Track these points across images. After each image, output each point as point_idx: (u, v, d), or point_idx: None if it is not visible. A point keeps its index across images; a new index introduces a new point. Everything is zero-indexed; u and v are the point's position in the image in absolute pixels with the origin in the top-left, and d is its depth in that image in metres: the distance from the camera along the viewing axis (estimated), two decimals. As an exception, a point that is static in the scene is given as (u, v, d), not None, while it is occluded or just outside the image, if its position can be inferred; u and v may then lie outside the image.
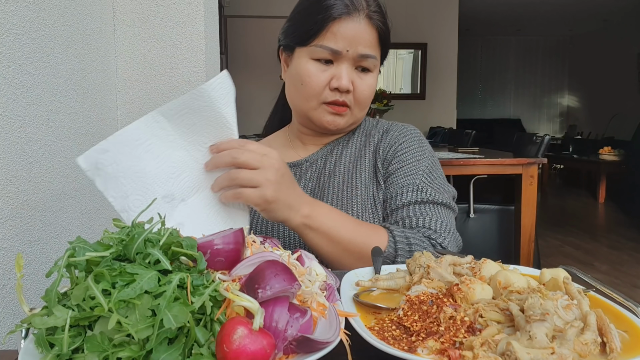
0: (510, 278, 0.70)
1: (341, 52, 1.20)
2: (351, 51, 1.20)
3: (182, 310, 0.53)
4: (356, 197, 1.29)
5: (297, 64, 1.26)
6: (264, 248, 0.72)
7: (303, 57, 1.24)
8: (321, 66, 1.22)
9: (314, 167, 1.37)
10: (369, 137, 1.39)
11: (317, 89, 1.22)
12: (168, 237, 0.61)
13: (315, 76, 1.22)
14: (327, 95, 1.23)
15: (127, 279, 0.55)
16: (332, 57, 1.21)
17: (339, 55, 1.20)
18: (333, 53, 1.20)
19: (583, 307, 0.64)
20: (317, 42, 1.21)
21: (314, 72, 1.22)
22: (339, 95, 1.22)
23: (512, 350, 0.56)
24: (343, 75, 1.21)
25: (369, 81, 1.26)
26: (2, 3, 1.26)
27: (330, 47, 1.20)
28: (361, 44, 1.21)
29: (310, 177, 1.36)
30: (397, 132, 1.37)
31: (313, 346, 0.58)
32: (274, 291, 0.59)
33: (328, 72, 1.22)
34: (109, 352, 0.53)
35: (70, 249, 0.58)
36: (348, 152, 1.38)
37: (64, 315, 0.53)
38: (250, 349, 0.53)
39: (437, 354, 0.60)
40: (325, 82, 1.22)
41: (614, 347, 0.59)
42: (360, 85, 1.24)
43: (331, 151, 1.39)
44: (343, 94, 1.23)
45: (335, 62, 1.22)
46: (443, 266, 0.77)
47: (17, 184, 1.33)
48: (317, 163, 1.37)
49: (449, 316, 0.64)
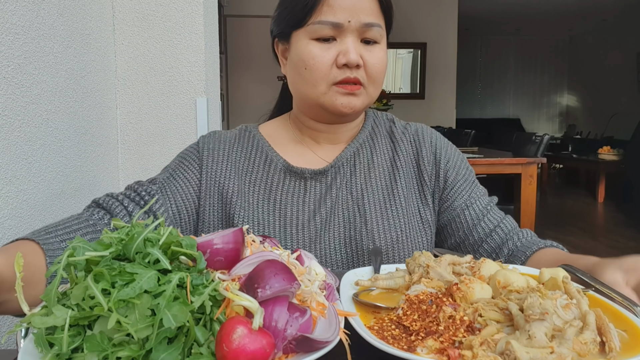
0: (509, 277, 0.70)
1: (343, 25, 1.09)
2: (353, 21, 1.09)
3: (182, 309, 0.53)
4: (401, 214, 1.19)
5: (296, 50, 1.14)
6: (263, 247, 0.72)
7: (302, 39, 1.13)
8: (324, 45, 1.11)
9: (342, 173, 1.23)
10: (397, 141, 1.28)
11: (323, 69, 1.10)
12: (167, 236, 0.61)
13: (319, 56, 1.10)
14: (336, 74, 1.11)
15: (127, 279, 0.55)
16: (334, 32, 1.10)
17: (341, 29, 1.09)
18: (334, 27, 1.09)
19: (582, 306, 0.64)
20: (315, 19, 1.10)
21: (317, 52, 1.11)
22: (349, 72, 1.10)
23: (511, 350, 0.56)
24: (350, 48, 1.09)
25: (378, 54, 1.14)
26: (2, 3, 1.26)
27: (330, 21, 1.09)
28: (363, 12, 1.10)
29: (339, 187, 1.22)
30: (438, 142, 1.28)
31: (312, 345, 0.58)
32: (273, 291, 0.59)
33: (333, 49, 1.11)
34: (109, 352, 0.53)
35: (70, 248, 0.58)
36: (379, 159, 1.26)
37: (64, 315, 0.53)
38: (249, 348, 0.53)
39: (437, 353, 0.60)
40: (332, 60, 1.11)
41: (613, 347, 0.60)
42: (370, 59, 1.12)
43: (357, 154, 1.26)
44: (353, 70, 1.11)
45: (339, 37, 1.11)
46: (442, 265, 0.77)
47: (16, 183, 1.33)
48: (343, 168, 1.24)
49: (449, 315, 0.65)
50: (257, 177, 1.22)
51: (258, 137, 1.28)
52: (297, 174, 1.21)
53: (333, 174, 1.22)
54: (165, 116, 2.00)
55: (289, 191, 1.20)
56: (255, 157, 1.24)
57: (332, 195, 1.20)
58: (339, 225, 1.17)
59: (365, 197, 1.19)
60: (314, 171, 1.21)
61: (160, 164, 2.01)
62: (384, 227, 1.16)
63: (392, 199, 1.20)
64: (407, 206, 1.20)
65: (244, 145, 1.27)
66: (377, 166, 1.24)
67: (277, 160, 1.23)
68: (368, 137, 1.29)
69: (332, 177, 1.22)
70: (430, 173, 1.24)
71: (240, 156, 1.25)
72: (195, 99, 2.01)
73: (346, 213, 1.18)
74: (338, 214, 1.18)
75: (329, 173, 1.22)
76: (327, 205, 1.19)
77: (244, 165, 1.23)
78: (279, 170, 1.22)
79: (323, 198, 1.20)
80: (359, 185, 1.21)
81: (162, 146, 2.01)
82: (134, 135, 2.00)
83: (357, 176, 1.22)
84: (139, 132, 2.00)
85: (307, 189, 1.21)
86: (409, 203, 1.21)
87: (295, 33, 1.14)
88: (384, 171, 1.24)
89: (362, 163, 1.24)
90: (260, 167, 1.23)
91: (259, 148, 1.26)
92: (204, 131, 2.01)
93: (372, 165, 1.24)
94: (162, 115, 2.00)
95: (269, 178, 1.21)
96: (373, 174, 1.23)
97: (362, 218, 1.17)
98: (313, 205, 1.19)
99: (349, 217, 1.17)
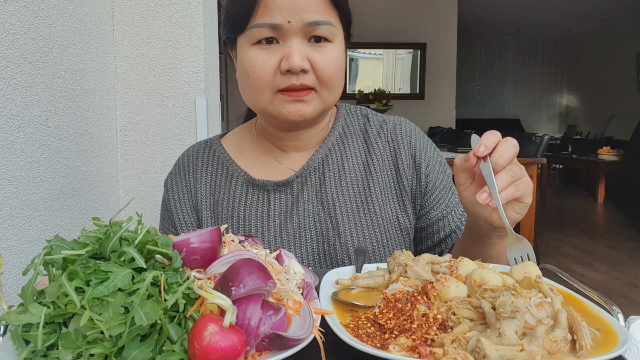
0: (485, 276, 0.71)
1: (282, 26, 0.98)
2: (294, 21, 0.99)
3: (154, 307, 0.54)
4: (377, 223, 1.12)
5: (240, 57, 1.05)
6: (242, 247, 0.73)
7: (244, 45, 1.03)
8: (265, 49, 1.01)
9: (309, 183, 1.14)
10: (371, 142, 1.18)
11: (265, 77, 1.01)
12: (144, 235, 0.62)
13: (260, 63, 1.00)
14: (280, 81, 1.01)
15: (101, 277, 0.56)
16: (274, 34, 1.00)
17: (281, 31, 0.99)
18: (273, 29, 0.99)
19: (555, 304, 0.65)
20: (253, 22, 1.00)
21: (257, 58, 1.01)
22: (295, 79, 1.00)
23: (481, 347, 0.57)
24: (293, 52, 0.98)
25: (330, 53, 1.03)
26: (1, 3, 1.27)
27: (267, 23, 0.99)
28: (305, 10, 0.99)
29: (307, 198, 1.13)
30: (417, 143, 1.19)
31: (285, 343, 0.59)
32: (247, 289, 0.60)
33: (275, 54, 1.01)
34: (83, 349, 0.54)
35: (48, 247, 0.60)
36: (352, 163, 1.17)
37: (39, 313, 0.55)
38: (220, 345, 0.54)
39: (408, 350, 0.61)
40: (274, 67, 1.01)
41: (583, 345, 0.60)
42: (319, 60, 1.01)
43: (327, 160, 1.16)
44: (300, 76, 1.00)
45: (281, 40, 1.01)
46: (420, 265, 0.78)
47: (15, 184, 1.35)
48: (311, 178, 1.14)
49: (422, 314, 0.65)
50: (220, 195, 1.17)
51: (219, 151, 1.21)
52: (259, 187, 1.15)
53: (299, 184, 1.14)
54: (165, 116, 2.02)
55: (252, 206, 1.14)
56: (217, 175, 1.19)
57: (300, 207, 1.12)
58: (311, 239, 1.11)
59: (337, 207, 1.12)
60: (276, 183, 1.13)
61: (159, 164, 2.03)
62: (359, 238, 1.10)
63: (366, 207, 1.13)
64: (383, 214, 1.13)
65: (205, 165, 1.21)
66: (349, 172, 1.16)
67: (239, 173, 1.17)
68: (338, 139, 1.19)
69: (298, 187, 1.14)
70: (410, 177, 1.16)
71: (202, 179, 1.19)
72: (195, 99, 2.02)
73: (318, 226, 1.11)
74: (309, 227, 1.12)
75: (295, 184, 1.14)
76: (295, 219, 1.12)
77: (207, 188, 1.18)
78: (241, 184, 1.16)
79: (289, 211, 1.13)
80: (329, 195, 1.13)
81: (161, 147, 2.03)
82: (134, 136, 2.02)
83: (328, 185, 1.14)
84: (139, 133, 2.02)
85: (270, 203, 1.14)
86: (385, 210, 1.14)
87: (239, 38, 1.05)
88: (357, 177, 1.15)
89: (332, 170, 1.15)
90: (223, 184, 1.17)
91: (220, 163, 1.20)
92: (203, 131, 2.02)
93: (344, 171, 1.16)
94: (161, 116, 2.02)
95: (231, 194, 1.16)
96: (344, 181, 1.15)
97: (334, 230, 1.10)
98: (279, 219, 1.13)
99: (321, 230, 1.11)
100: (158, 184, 2.03)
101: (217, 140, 1.25)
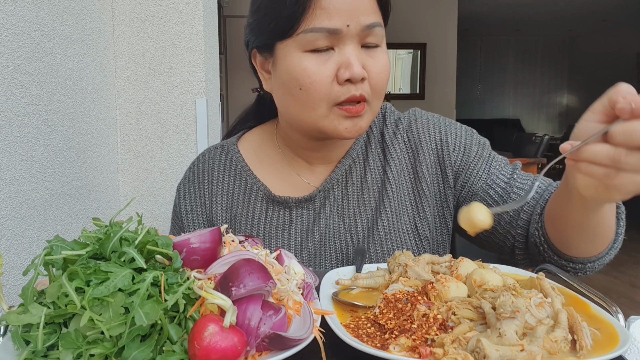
0: (485, 276, 0.71)
1: (341, 30, 0.89)
2: (353, 25, 0.90)
3: (154, 307, 0.54)
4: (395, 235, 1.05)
5: (286, 66, 0.94)
6: (242, 247, 0.73)
7: (291, 53, 0.93)
8: (320, 57, 0.91)
9: (332, 197, 1.07)
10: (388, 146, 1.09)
11: (322, 89, 0.91)
12: (144, 235, 0.62)
13: (317, 73, 0.90)
14: (339, 92, 0.92)
15: (102, 277, 0.56)
16: (331, 40, 0.91)
17: (339, 35, 0.90)
18: (331, 34, 0.90)
19: (555, 304, 0.65)
20: (306, 26, 0.90)
21: (313, 67, 0.91)
22: (354, 89, 0.91)
23: (481, 347, 0.57)
24: (352, 60, 0.90)
25: (382, 60, 0.95)
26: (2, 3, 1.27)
27: (325, 27, 0.89)
28: (363, 12, 0.91)
29: (329, 214, 1.06)
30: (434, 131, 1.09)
31: (285, 343, 0.59)
32: (247, 289, 0.60)
33: (331, 62, 0.91)
34: (83, 349, 0.54)
35: (48, 247, 0.60)
36: (372, 173, 1.08)
37: (39, 313, 0.55)
38: (220, 345, 0.54)
39: (409, 351, 0.61)
40: (332, 76, 0.91)
41: (583, 345, 0.60)
42: (374, 68, 0.93)
43: (350, 172, 1.08)
44: (358, 85, 0.92)
45: (337, 46, 0.92)
46: (420, 265, 0.78)
47: (16, 184, 1.34)
48: (334, 192, 1.07)
49: (422, 314, 0.65)
50: (238, 211, 1.10)
51: (236, 159, 1.14)
52: (280, 203, 1.08)
53: (322, 198, 1.07)
54: (165, 117, 2.02)
55: (272, 223, 1.08)
56: (234, 187, 1.12)
57: (322, 224, 1.06)
58: (330, 257, 1.06)
59: (359, 222, 1.05)
60: (299, 199, 1.06)
61: (159, 164, 2.03)
62: (377, 255, 1.04)
63: (384, 220, 1.05)
64: (400, 225, 1.06)
65: (222, 174, 1.14)
66: (370, 183, 1.08)
67: (258, 187, 1.10)
68: (362, 147, 1.11)
69: (320, 202, 1.07)
70: (432, 177, 1.07)
71: (217, 190, 1.13)
72: (195, 99, 2.02)
73: (338, 243, 1.06)
74: (330, 244, 1.06)
75: (317, 198, 1.07)
76: (317, 236, 1.06)
77: (223, 201, 1.12)
78: (260, 199, 1.09)
79: (311, 228, 1.07)
80: (350, 210, 1.06)
81: (161, 147, 2.03)
82: (134, 136, 2.02)
83: (350, 198, 1.07)
84: (139, 133, 2.02)
85: (292, 220, 1.08)
86: (402, 221, 1.06)
87: (280, 45, 0.95)
88: (376, 188, 1.08)
89: (355, 182, 1.08)
90: (241, 198, 1.11)
91: (237, 174, 1.13)
92: (203, 131, 2.02)
93: (366, 182, 1.08)
94: (161, 116, 2.02)
95: (250, 209, 1.09)
96: (366, 194, 1.07)
97: (354, 247, 1.05)
98: (300, 237, 1.07)
99: (341, 247, 1.06)
100: (158, 184, 2.03)
101: (234, 144, 1.16)
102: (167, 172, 2.03)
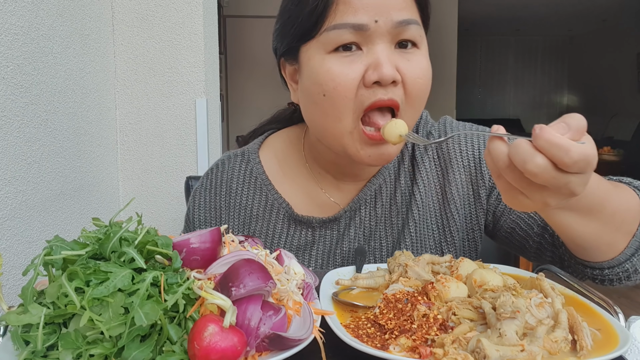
0: (485, 276, 0.71)
1: (368, 26, 0.80)
2: (382, 20, 0.80)
3: (154, 307, 0.54)
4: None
5: (309, 70, 0.86)
6: (242, 247, 0.73)
7: (315, 55, 0.84)
8: (345, 57, 0.82)
9: (358, 218, 0.98)
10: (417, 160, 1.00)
11: (348, 93, 0.81)
12: (144, 236, 0.62)
13: (340, 75, 0.81)
14: (365, 97, 0.82)
15: (101, 277, 0.56)
16: (357, 37, 0.81)
17: (366, 32, 0.80)
18: (356, 30, 0.80)
19: (555, 305, 0.64)
20: (329, 23, 0.81)
21: (336, 69, 0.81)
22: (382, 93, 0.81)
23: (482, 347, 0.57)
24: (382, 59, 0.80)
25: (421, 62, 0.84)
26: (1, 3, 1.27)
27: (349, 23, 0.80)
28: (394, 7, 0.81)
29: (354, 236, 0.98)
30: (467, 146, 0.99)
31: (285, 343, 0.59)
32: (247, 289, 0.60)
33: (358, 63, 0.81)
34: (83, 349, 0.54)
35: (48, 247, 0.60)
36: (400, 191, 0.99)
37: (39, 313, 0.55)
38: (220, 345, 0.54)
39: (409, 351, 0.61)
40: (358, 79, 0.81)
41: (584, 345, 0.60)
42: (409, 71, 0.82)
43: (380, 192, 0.99)
44: (388, 89, 0.81)
45: (364, 45, 0.82)
46: (420, 265, 0.78)
47: (15, 184, 1.34)
48: (360, 213, 0.98)
49: (422, 314, 0.65)
50: (257, 227, 1.03)
51: (256, 170, 1.05)
52: (302, 223, 1.01)
53: (347, 219, 0.98)
54: (165, 117, 2.02)
55: (294, 243, 1.01)
56: (253, 202, 1.04)
57: (345, 246, 0.98)
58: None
59: (384, 246, 0.97)
60: (323, 220, 0.98)
61: (159, 164, 2.03)
62: None
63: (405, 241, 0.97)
64: (424, 249, 0.98)
65: (240, 187, 1.05)
66: (399, 204, 0.98)
67: (280, 204, 1.02)
68: (395, 165, 1.00)
69: (345, 223, 0.98)
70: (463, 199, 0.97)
71: (235, 204, 1.05)
72: (195, 99, 2.02)
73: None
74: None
75: (343, 219, 0.98)
76: (338, 259, 0.99)
77: (240, 215, 1.04)
78: (282, 217, 1.01)
79: (333, 249, 1.00)
80: (377, 233, 0.98)
81: (161, 147, 2.03)
82: (134, 136, 2.02)
83: (378, 221, 0.98)
84: (139, 133, 2.02)
85: (315, 241, 1.00)
86: (426, 244, 0.98)
87: (304, 47, 0.86)
88: (403, 209, 0.98)
89: (384, 204, 0.98)
90: (260, 214, 1.03)
91: (257, 188, 1.04)
92: (203, 132, 2.02)
93: (395, 204, 0.98)
94: (161, 116, 2.02)
95: (270, 227, 1.02)
96: (395, 217, 0.98)
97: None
98: (321, 259, 1.00)
99: None
100: (158, 184, 2.03)
101: (255, 152, 1.07)
102: (167, 172, 2.03)
